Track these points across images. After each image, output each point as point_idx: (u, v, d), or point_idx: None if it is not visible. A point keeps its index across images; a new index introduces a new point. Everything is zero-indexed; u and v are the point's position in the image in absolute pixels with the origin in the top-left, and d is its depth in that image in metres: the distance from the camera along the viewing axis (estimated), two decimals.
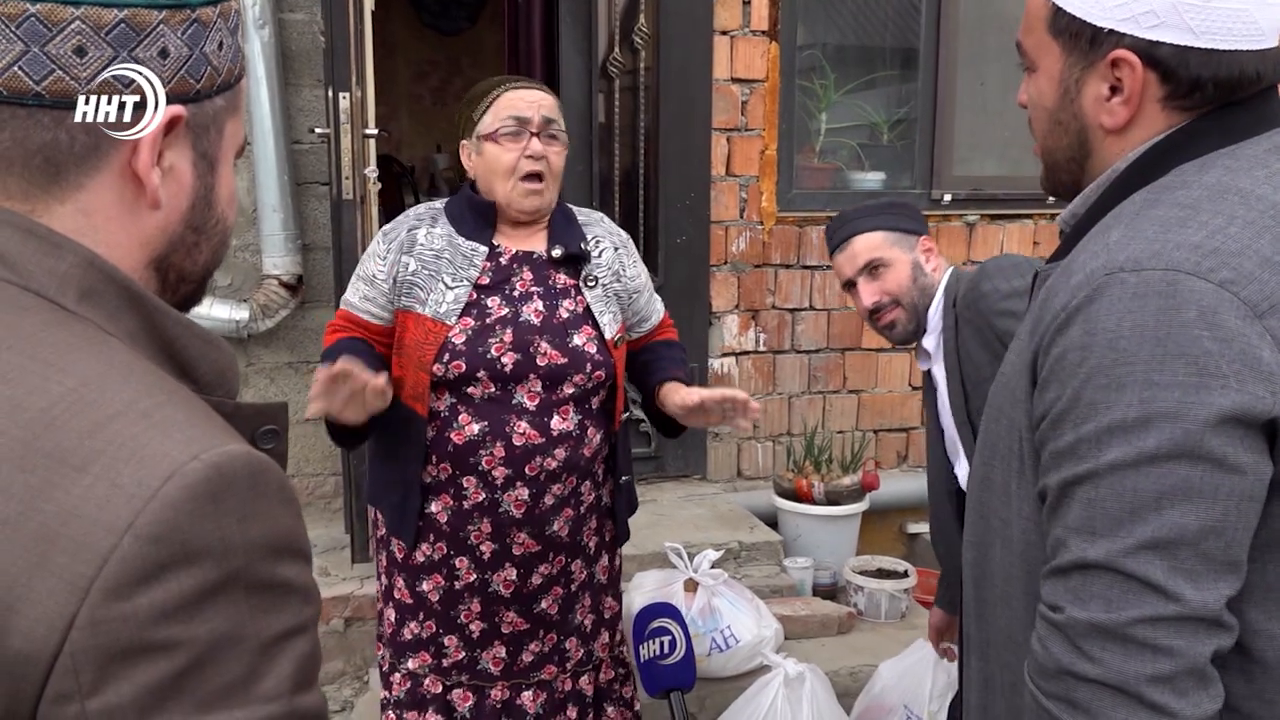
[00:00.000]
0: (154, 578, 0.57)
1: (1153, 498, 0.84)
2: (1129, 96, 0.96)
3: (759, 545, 3.28)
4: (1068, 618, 0.87)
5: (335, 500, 3.46)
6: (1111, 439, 0.85)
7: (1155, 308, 0.84)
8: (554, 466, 1.86)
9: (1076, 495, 0.88)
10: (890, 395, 3.86)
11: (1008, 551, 1.00)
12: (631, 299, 2.01)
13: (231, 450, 0.61)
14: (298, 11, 3.33)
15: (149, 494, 0.57)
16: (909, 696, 2.39)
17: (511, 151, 1.85)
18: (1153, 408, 0.83)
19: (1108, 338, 0.86)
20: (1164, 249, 0.87)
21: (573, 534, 1.94)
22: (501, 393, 1.83)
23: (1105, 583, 0.85)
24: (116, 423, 0.60)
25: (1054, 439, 0.90)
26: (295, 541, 0.64)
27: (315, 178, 3.39)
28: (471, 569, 1.90)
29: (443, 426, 1.85)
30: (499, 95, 1.89)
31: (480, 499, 1.86)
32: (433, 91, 6.86)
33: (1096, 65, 0.97)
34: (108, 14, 0.65)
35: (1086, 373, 0.87)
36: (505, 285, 1.88)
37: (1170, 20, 0.92)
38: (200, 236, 0.74)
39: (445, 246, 1.87)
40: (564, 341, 1.86)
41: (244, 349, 3.40)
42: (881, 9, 3.83)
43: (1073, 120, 1.01)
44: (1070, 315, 0.89)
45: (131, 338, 0.67)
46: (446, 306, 1.83)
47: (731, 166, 3.60)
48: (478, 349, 1.81)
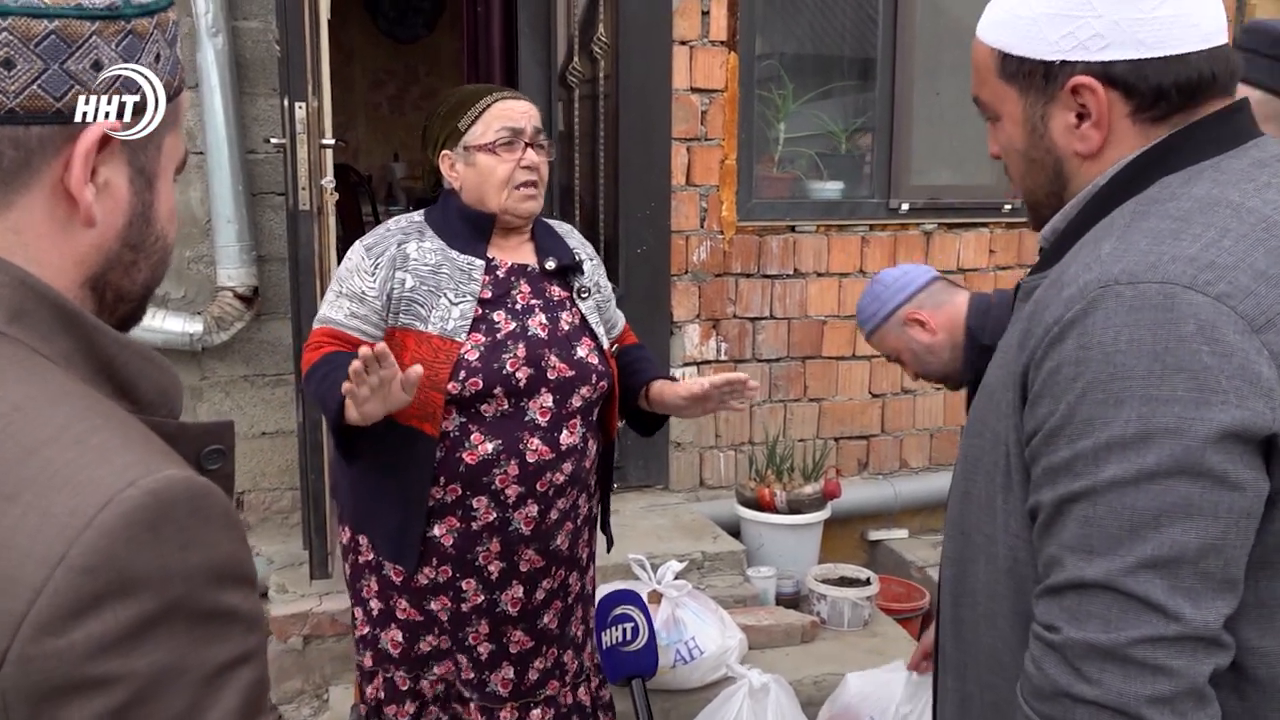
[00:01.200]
0: (89, 610, 0.54)
1: (1152, 515, 0.82)
2: (1098, 119, 0.96)
3: (722, 555, 3.28)
4: (1065, 638, 0.86)
5: (293, 515, 3.40)
6: (1110, 455, 0.84)
7: (1152, 321, 0.83)
8: (561, 481, 1.86)
9: (1073, 513, 0.86)
10: (850, 403, 3.88)
11: (992, 568, 0.99)
12: (605, 307, 2.04)
13: (170, 475, 0.59)
14: (252, 19, 3.28)
15: (83, 523, 0.55)
16: (876, 709, 2.38)
17: (507, 162, 1.85)
18: (1152, 423, 0.82)
19: (1104, 352, 0.85)
20: (1159, 261, 0.86)
21: (571, 547, 1.95)
22: (514, 409, 1.82)
23: (1103, 602, 0.84)
24: (49, 449, 0.58)
25: (1048, 454, 0.89)
26: (239, 567, 0.62)
27: (271, 188, 3.34)
28: (479, 590, 1.88)
29: (453, 447, 1.82)
30: (489, 105, 1.87)
31: (491, 519, 1.84)
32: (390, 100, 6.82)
33: (1058, 97, 0.97)
34: (37, 25, 0.62)
35: (1082, 387, 0.86)
36: (506, 299, 1.87)
37: (1116, 39, 0.93)
38: (139, 254, 0.72)
39: (441, 260, 1.85)
40: (570, 354, 1.86)
41: (198, 362, 3.34)
42: (839, 20, 3.85)
43: (1046, 155, 1.01)
44: (1064, 328, 0.88)
45: (67, 359, 0.64)
46: (454, 323, 1.80)
47: (691, 176, 3.60)
48: (493, 365, 1.80)
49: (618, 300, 2.18)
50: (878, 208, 3.84)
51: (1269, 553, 0.86)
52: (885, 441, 3.96)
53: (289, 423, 3.36)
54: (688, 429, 3.71)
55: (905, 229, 3.86)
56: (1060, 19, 0.94)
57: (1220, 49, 0.95)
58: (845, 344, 3.84)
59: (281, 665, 2.86)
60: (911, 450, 3.99)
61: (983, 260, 3.99)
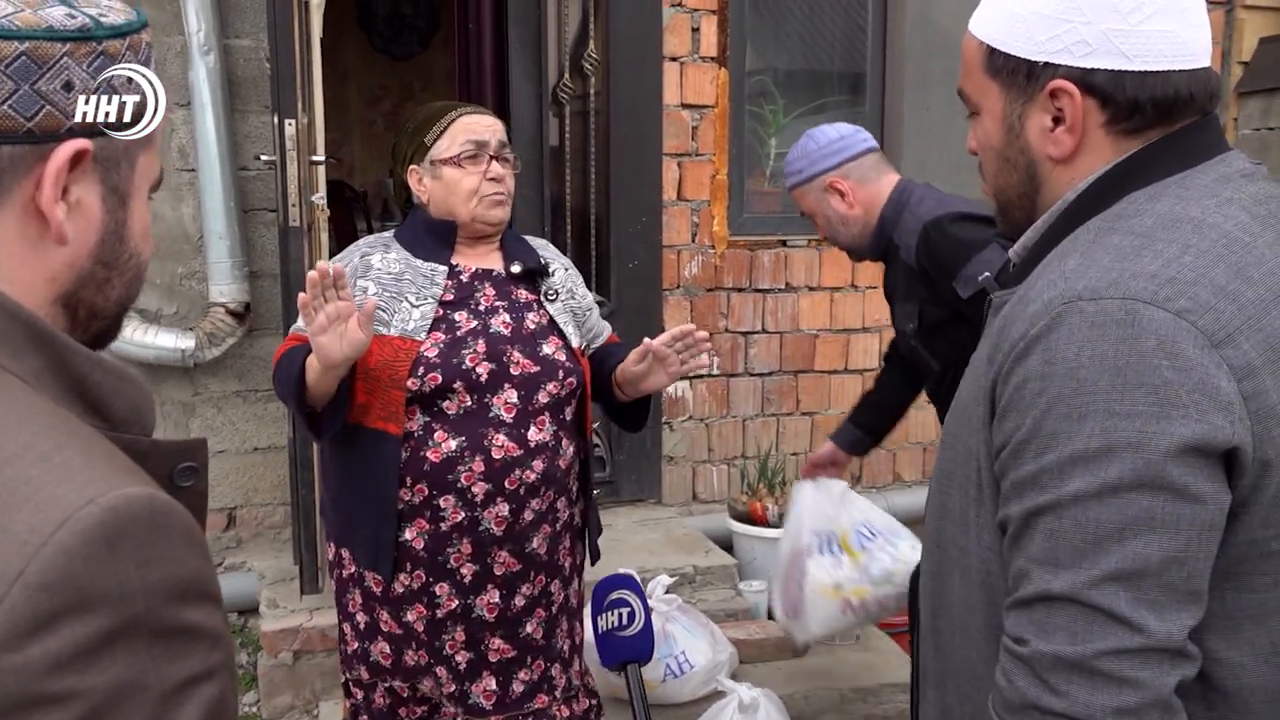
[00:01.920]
0: (46, 627, 0.55)
1: (1115, 529, 0.83)
2: (1072, 124, 0.97)
3: (713, 569, 3.28)
4: (1032, 650, 0.86)
5: (285, 530, 3.40)
6: (1073, 469, 0.85)
7: (1115, 337, 0.84)
8: (533, 479, 1.86)
9: (1039, 526, 0.87)
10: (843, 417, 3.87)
11: (966, 581, 1.00)
12: (585, 315, 2.05)
13: (130, 493, 0.59)
14: (244, 38, 3.30)
15: (41, 540, 0.55)
16: (820, 525, 2.45)
17: (473, 175, 1.88)
18: (1114, 438, 0.83)
19: (1067, 367, 0.86)
20: (1121, 278, 0.87)
21: (550, 552, 1.93)
22: (477, 405, 1.82)
23: (1069, 615, 0.85)
24: (12, 467, 0.58)
25: (1014, 469, 0.90)
26: (201, 584, 0.62)
27: (262, 204, 3.35)
28: (453, 595, 1.87)
29: (417, 446, 1.83)
30: (453, 120, 1.90)
31: (459, 518, 1.84)
32: (385, 116, 6.84)
33: (1036, 98, 0.98)
34: (8, 46, 0.63)
35: (1047, 402, 0.87)
36: (470, 300, 1.89)
37: (1102, 47, 0.94)
38: (112, 272, 0.72)
39: (404, 269, 1.88)
40: (535, 350, 1.87)
41: (190, 378, 3.34)
42: (829, 34, 3.88)
43: (1020, 155, 1.02)
44: (1029, 344, 0.89)
45: (37, 377, 0.65)
46: (414, 324, 1.83)
47: (683, 191, 3.62)
48: (452, 360, 1.81)
49: (609, 315, 2.19)
50: None
51: (1233, 564, 0.87)
52: (878, 455, 3.95)
53: (281, 438, 3.37)
54: (680, 443, 3.71)
55: None
56: (1049, 21, 0.95)
57: (1202, 70, 0.96)
58: (838, 358, 3.85)
59: (272, 680, 2.85)
60: (904, 464, 4.00)
61: None
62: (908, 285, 2.16)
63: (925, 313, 2.12)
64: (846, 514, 2.48)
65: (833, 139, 2.19)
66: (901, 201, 2.14)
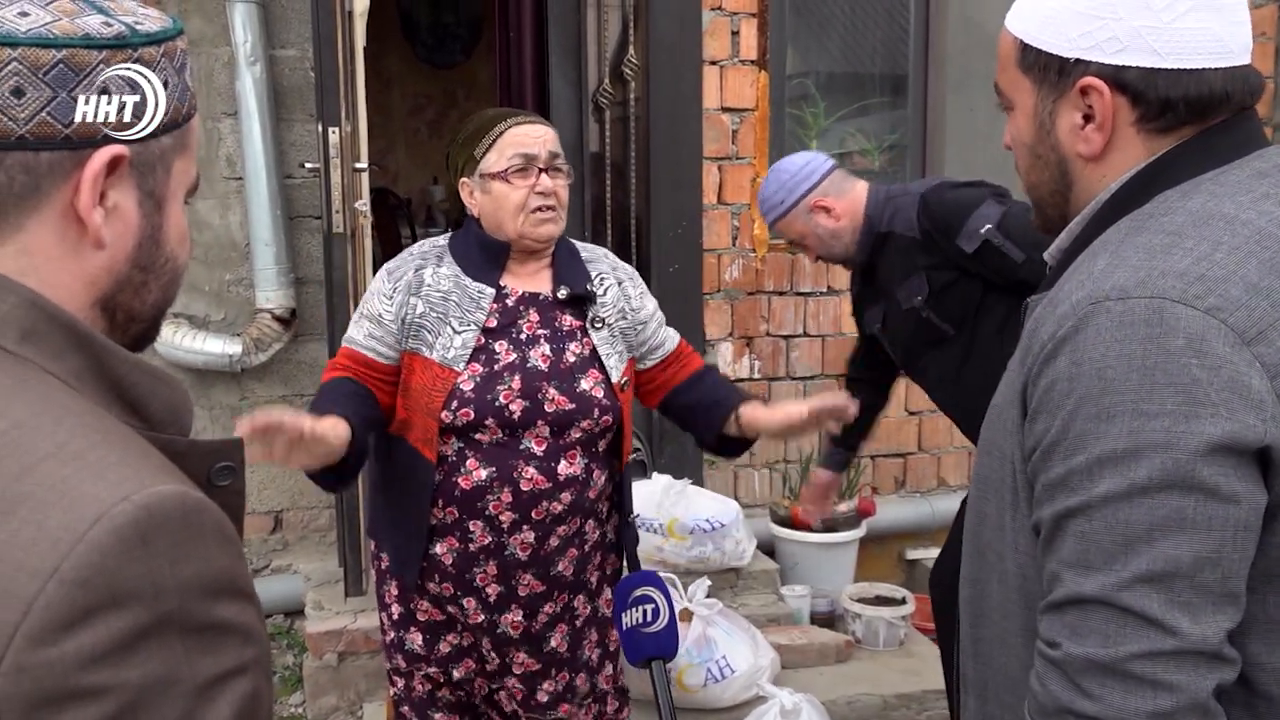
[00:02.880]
0: (80, 622, 0.56)
1: (1145, 530, 0.82)
2: (1102, 122, 0.96)
3: (755, 573, 3.26)
4: (1065, 654, 0.85)
5: (330, 533, 3.45)
6: (1102, 470, 0.84)
7: (1142, 336, 0.83)
8: (560, 510, 1.86)
9: (1069, 528, 0.86)
10: (886, 421, 3.83)
11: (1004, 587, 0.99)
12: (639, 330, 1.98)
13: (163, 490, 0.60)
14: (289, 48, 3.36)
15: (75, 538, 0.57)
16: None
17: (521, 189, 1.84)
18: (1142, 438, 0.82)
19: (1095, 367, 0.85)
20: (1149, 276, 0.86)
21: (577, 573, 1.94)
22: (509, 438, 1.82)
23: (1101, 617, 0.84)
24: (46, 465, 0.59)
25: (1045, 471, 0.89)
26: (233, 581, 0.63)
27: (308, 212, 3.40)
28: (479, 610, 1.90)
29: (450, 471, 1.84)
30: (502, 132, 1.86)
31: (486, 542, 1.85)
32: (429, 124, 6.91)
33: (1067, 95, 0.97)
34: (46, 54, 0.65)
35: (1075, 403, 0.86)
36: (512, 328, 1.86)
37: (1134, 44, 0.93)
38: (149, 276, 0.74)
39: (452, 288, 1.86)
40: (571, 387, 1.85)
41: (237, 383, 3.40)
42: (870, 36, 3.85)
43: (1051, 152, 1.01)
44: (1057, 345, 0.88)
45: (77, 377, 0.66)
46: (454, 352, 1.82)
47: (723, 195, 3.61)
48: (486, 396, 1.80)
49: None
50: None
51: (1273, 566, 0.85)
52: (922, 459, 3.92)
53: None
54: None
55: None
56: (1082, 17, 0.94)
57: (1241, 68, 0.94)
58: None
59: (317, 681, 2.89)
60: (949, 468, 3.95)
61: None
62: (906, 262, 2.25)
63: (932, 278, 2.22)
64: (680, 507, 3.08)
65: (800, 165, 2.34)
66: (884, 195, 2.28)
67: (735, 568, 3.22)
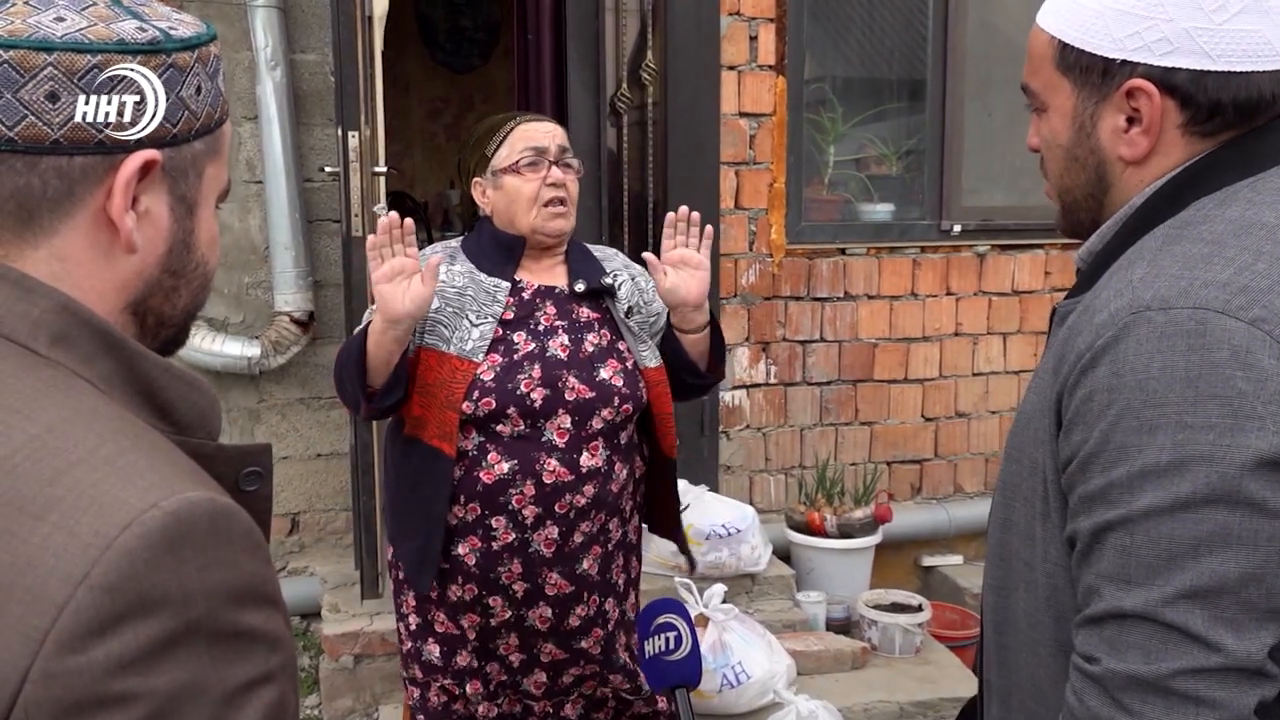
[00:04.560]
0: (110, 629, 0.56)
1: (1190, 545, 0.81)
2: (1149, 125, 0.94)
3: (771, 579, 3.25)
4: (1105, 669, 0.84)
5: (346, 536, 3.45)
6: (1144, 483, 0.83)
7: (1185, 347, 0.82)
8: (583, 504, 1.86)
9: (1109, 542, 0.85)
10: (903, 426, 3.84)
11: (1032, 597, 0.98)
12: (653, 323, 2.03)
13: (192, 497, 0.60)
14: (309, 53, 3.37)
15: (105, 543, 0.57)
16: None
17: (532, 181, 1.88)
18: (1187, 451, 0.81)
19: (1137, 379, 0.84)
20: (1191, 287, 0.85)
21: (602, 572, 1.94)
22: (531, 430, 1.83)
23: (1143, 633, 0.82)
24: (78, 470, 0.59)
25: (1082, 483, 0.87)
26: (261, 588, 0.63)
27: (327, 215, 3.42)
28: (506, 606, 1.90)
29: (471, 466, 1.84)
30: (513, 129, 1.91)
31: (510, 539, 1.85)
32: (446, 128, 6.93)
33: (1111, 97, 0.95)
34: (81, 59, 0.65)
35: (1115, 415, 0.85)
36: (530, 320, 1.88)
37: (1184, 46, 0.91)
38: (179, 280, 0.74)
39: (468, 284, 1.88)
40: (591, 375, 1.86)
41: (256, 385, 3.41)
42: (888, 41, 3.84)
43: (1090, 155, 0.99)
44: (1096, 355, 0.87)
45: (107, 381, 0.67)
46: (472, 344, 1.83)
47: (740, 199, 3.61)
48: (507, 385, 1.81)
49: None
50: (929, 230, 3.81)
51: None
52: (939, 465, 3.90)
53: (343, 445, 3.42)
54: (737, 452, 3.70)
55: (957, 251, 3.82)
56: (1129, 17, 0.92)
57: None
58: (897, 367, 3.80)
59: (333, 684, 2.89)
60: (966, 474, 3.94)
61: (1038, 282, 3.93)
62: None
63: None
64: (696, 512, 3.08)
65: None
66: None
67: (751, 573, 3.21)
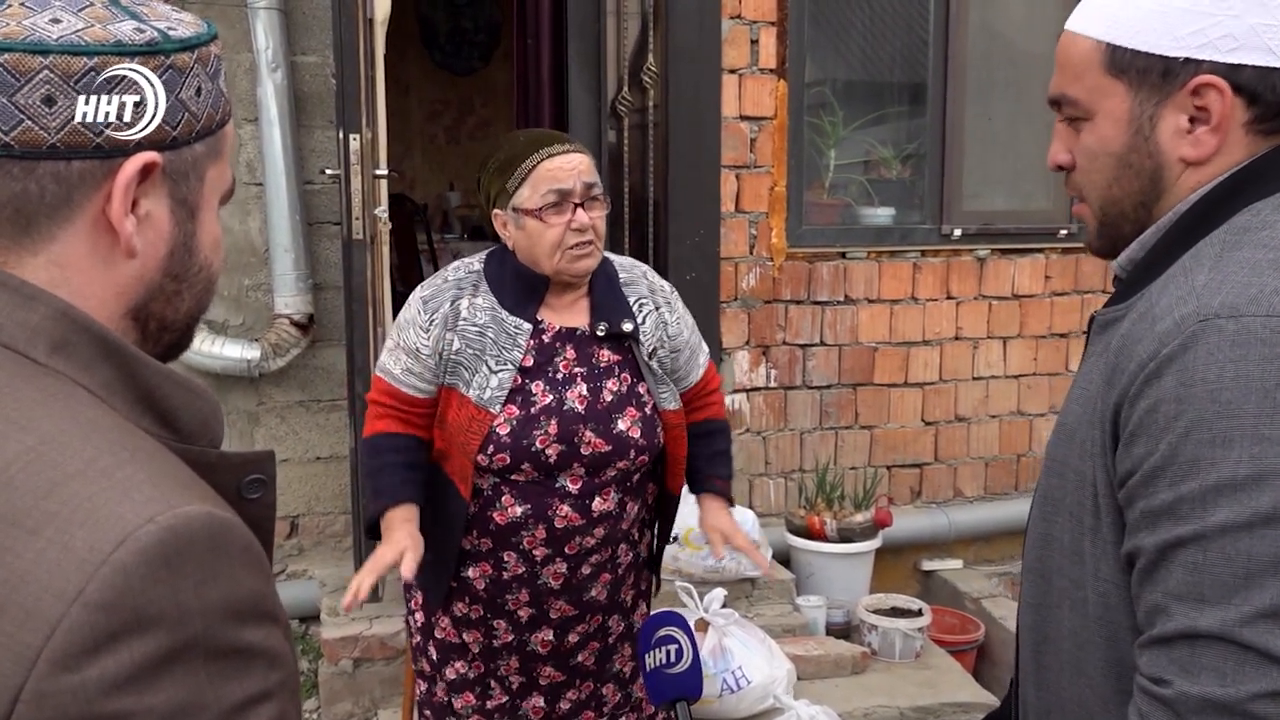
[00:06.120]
0: (104, 647, 0.54)
1: (1270, 562, 0.78)
2: (1219, 123, 0.91)
3: (771, 583, 3.25)
4: (1177, 692, 0.80)
5: (346, 539, 3.45)
6: (1219, 498, 0.80)
7: (1260, 356, 0.80)
8: (593, 544, 1.86)
9: (1178, 558, 0.82)
10: (903, 430, 3.83)
11: (1080, 615, 0.94)
12: (674, 358, 1.95)
13: (189, 512, 0.59)
14: (310, 54, 3.37)
15: (100, 559, 0.55)
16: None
17: (555, 226, 1.77)
18: (1265, 464, 0.78)
19: (1208, 389, 0.80)
20: (1261, 294, 0.82)
21: (610, 595, 1.94)
22: (544, 478, 1.82)
23: (1218, 654, 0.79)
24: (74, 483, 0.58)
25: (1146, 497, 0.84)
26: (260, 604, 0.62)
27: (327, 218, 3.41)
28: (509, 630, 1.90)
29: (485, 505, 1.84)
30: (535, 166, 1.78)
31: (520, 572, 1.86)
32: (446, 130, 6.93)
33: (1173, 97, 0.92)
34: (77, 62, 0.64)
35: (1185, 426, 0.81)
36: (549, 367, 1.83)
37: (1249, 43, 0.89)
38: (181, 284, 0.73)
39: (489, 322, 1.82)
40: (608, 429, 1.82)
41: (255, 388, 3.41)
42: (889, 45, 3.84)
43: (1147, 159, 0.95)
44: (1161, 365, 0.83)
45: (107, 389, 0.65)
46: (490, 393, 1.79)
47: (741, 203, 3.60)
48: (522, 441, 1.78)
49: None
50: (930, 233, 3.80)
51: None
52: (939, 470, 3.90)
53: (343, 448, 3.41)
54: (737, 456, 3.68)
55: (958, 255, 3.82)
56: (1192, 14, 0.90)
57: None
58: (897, 371, 3.80)
59: (332, 688, 2.89)
60: (966, 479, 3.93)
61: (1038, 286, 3.93)
62: None
63: None
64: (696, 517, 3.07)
65: None
66: None
67: (751, 578, 3.20)
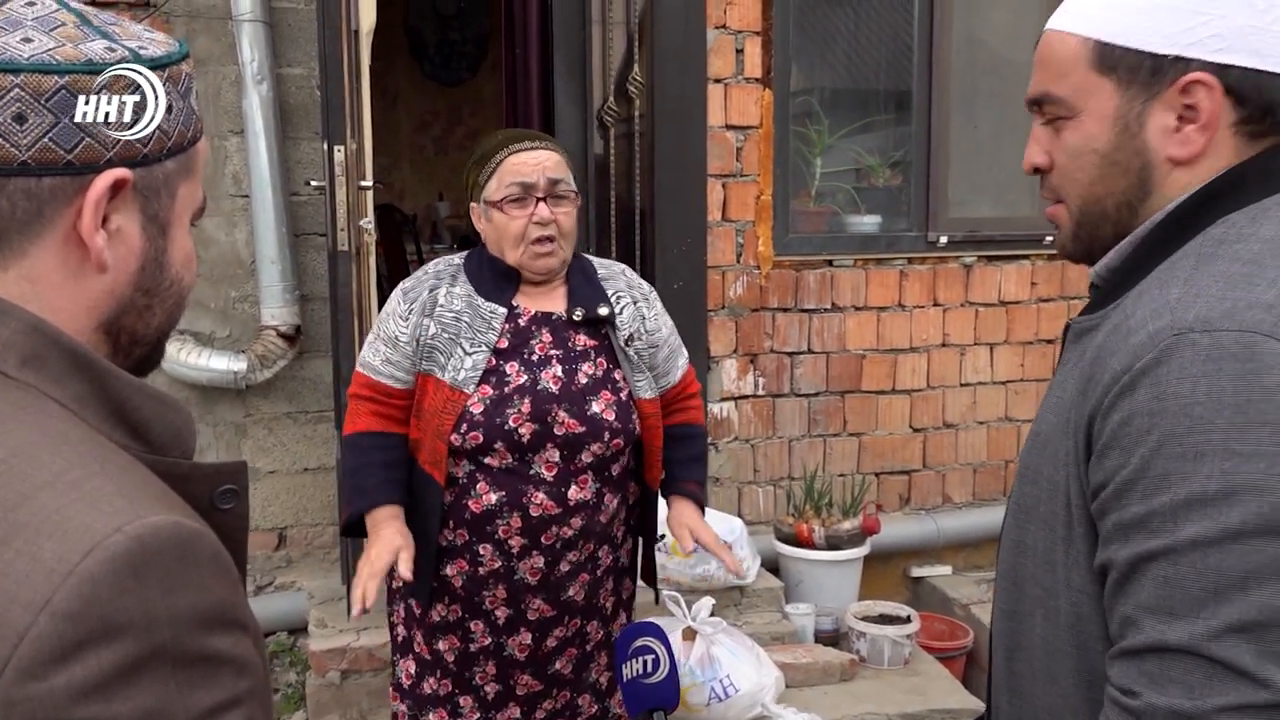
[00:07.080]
0: (71, 656, 0.55)
1: (1239, 577, 0.78)
2: (1207, 121, 0.91)
3: (759, 591, 3.25)
4: (1145, 704, 0.81)
5: (333, 551, 3.44)
6: (1189, 513, 0.80)
7: (1232, 372, 0.80)
8: (570, 535, 1.85)
9: (1149, 572, 0.82)
10: (891, 438, 3.84)
11: (1052, 624, 0.94)
12: (652, 354, 1.96)
13: (156, 521, 0.60)
14: (295, 67, 3.37)
15: (68, 569, 0.56)
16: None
17: (518, 219, 1.82)
18: (1236, 479, 0.78)
19: (1180, 403, 0.81)
20: (1235, 308, 0.82)
21: (589, 597, 1.93)
22: (519, 463, 1.82)
23: (1186, 667, 0.79)
24: (43, 494, 0.59)
25: (1118, 510, 0.84)
26: (228, 612, 0.62)
27: (313, 229, 3.41)
28: (486, 633, 1.89)
29: (461, 494, 1.84)
30: (502, 160, 1.84)
31: (496, 566, 1.85)
32: (435, 141, 6.94)
33: (1162, 95, 0.92)
34: (48, 80, 0.65)
35: (1157, 440, 0.82)
36: (524, 349, 1.85)
37: (1238, 43, 0.89)
38: (152, 299, 0.73)
39: (464, 308, 1.85)
40: (582, 410, 1.83)
41: (242, 400, 3.40)
42: (875, 53, 3.86)
43: (1134, 158, 0.94)
44: (1134, 378, 0.84)
45: (79, 402, 0.66)
46: (465, 374, 1.81)
47: (727, 212, 3.62)
48: (495, 420, 1.79)
49: None
50: (916, 241, 3.82)
51: None
52: (927, 476, 3.91)
53: (330, 459, 3.41)
54: (725, 464, 3.70)
55: (944, 262, 3.83)
56: (1182, 13, 0.90)
57: None
58: (885, 378, 3.81)
59: (319, 699, 2.88)
60: (954, 485, 3.94)
61: (1025, 293, 3.95)
62: None
63: None
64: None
65: None
66: None
67: (739, 585, 3.21)
